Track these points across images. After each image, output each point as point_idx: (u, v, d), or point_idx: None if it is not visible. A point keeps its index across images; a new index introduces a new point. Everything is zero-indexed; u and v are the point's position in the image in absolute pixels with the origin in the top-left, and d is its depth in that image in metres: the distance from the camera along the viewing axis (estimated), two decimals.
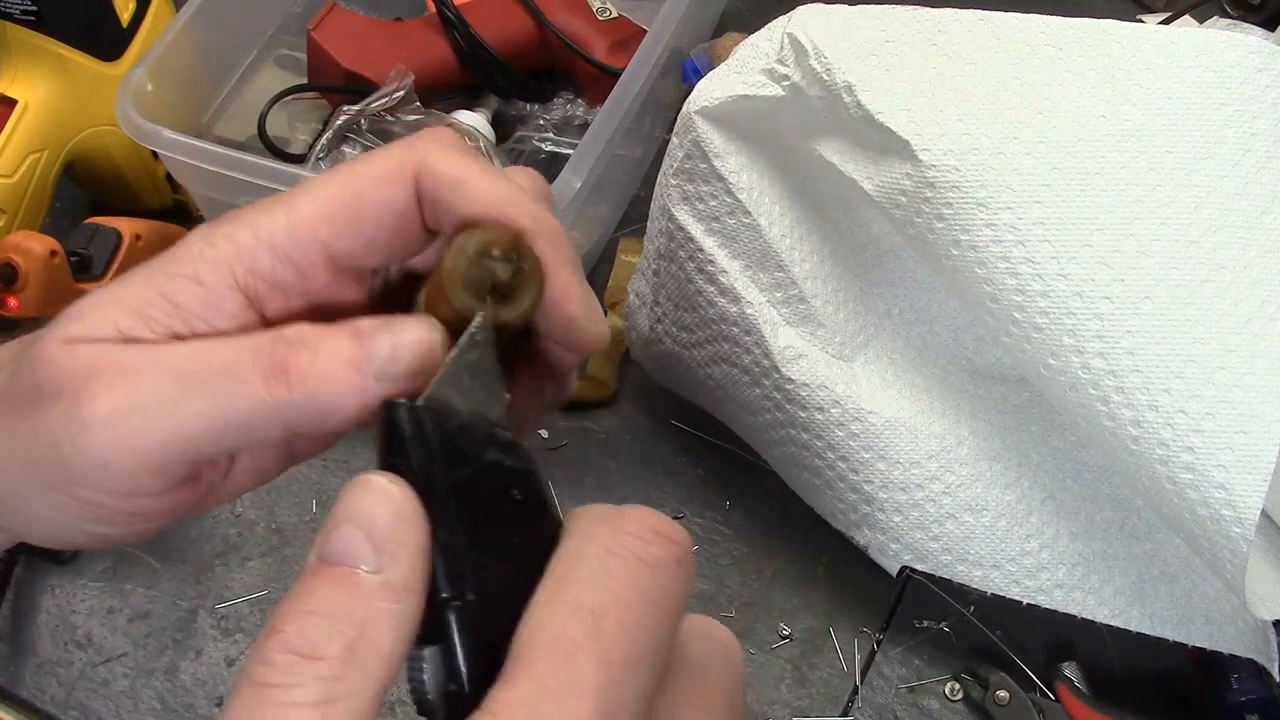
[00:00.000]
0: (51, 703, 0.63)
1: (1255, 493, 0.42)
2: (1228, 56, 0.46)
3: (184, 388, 0.29)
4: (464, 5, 0.77)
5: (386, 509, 0.25)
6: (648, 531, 0.26)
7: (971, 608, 0.61)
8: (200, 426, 0.29)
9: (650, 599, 0.25)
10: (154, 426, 0.29)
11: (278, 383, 0.28)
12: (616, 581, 0.25)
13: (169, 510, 0.31)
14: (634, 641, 0.24)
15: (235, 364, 0.29)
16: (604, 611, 0.24)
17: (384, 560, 0.24)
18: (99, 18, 0.73)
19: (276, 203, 0.31)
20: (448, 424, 0.26)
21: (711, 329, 0.59)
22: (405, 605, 0.24)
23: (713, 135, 0.54)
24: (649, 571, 0.25)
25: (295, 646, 0.23)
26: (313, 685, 0.23)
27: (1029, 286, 0.46)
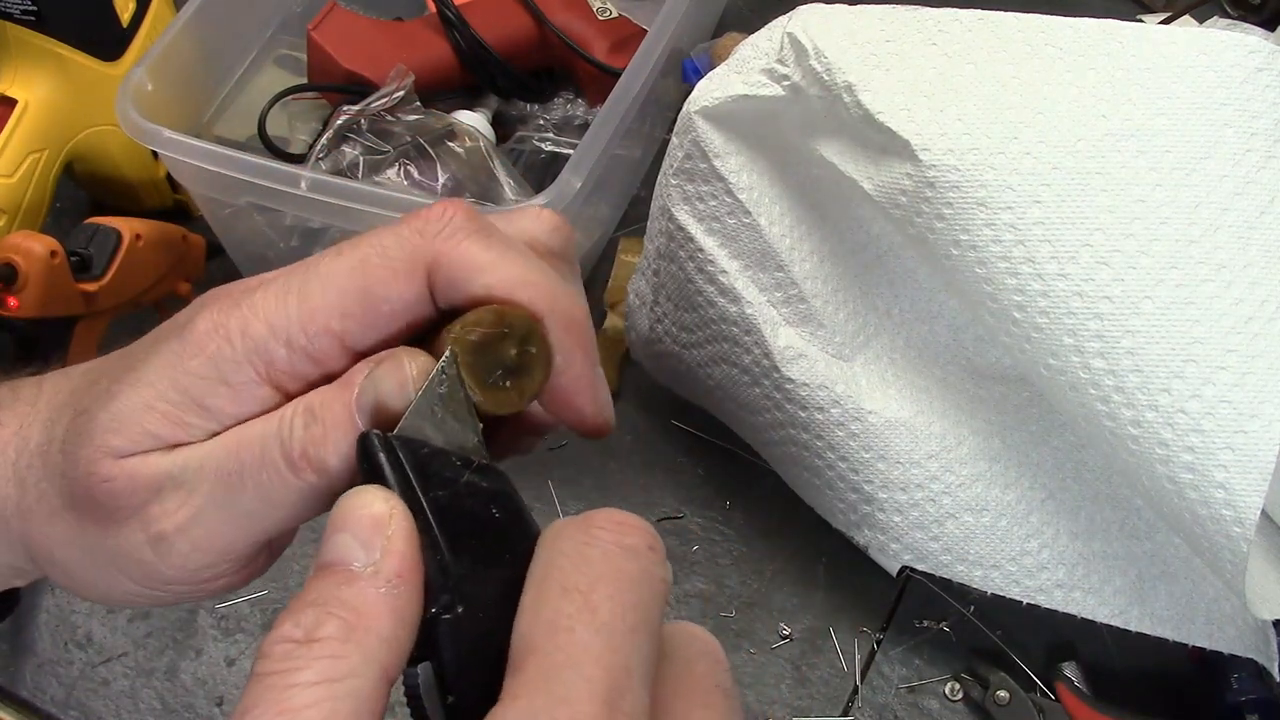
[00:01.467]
0: (51, 703, 0.63)
1: (1255, 493, 0.42)
2: (1228, 56, 0.46)
3: (233, 491, 0.30)
4: (464, 5, 0.77)
5: (371, 510, 0.26)
6: (614, 523, 0.27)
7: (971, 608, 0.61)
8: (256, 520, 0.31)
9: (632, 577, 0.26)
10: (219, 530, 0.31)
11: (302, 470, 0.29)
12: (598, 563, 0.26)
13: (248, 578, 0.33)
14: (627, 610, 0.25)
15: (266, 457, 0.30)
16: (591, 588, 0.25)
17: (373, 554, 0.25)
18: (99, 18, 0.73)
19: (287, 288, 0.31)
20: (420, 450, 0.28)
21: (711, 329, 0.59)
22: (399, 592, 0.25)
23: (713, 135, 0.54)
24: (626, 554, 0.26)
25: (293, 635, 0.24)
26: (313, 665, 0.24)
27: (1029, 286, 0.46)
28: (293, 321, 0.30)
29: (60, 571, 0.34)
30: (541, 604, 0.25)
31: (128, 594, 0.33)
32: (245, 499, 0.30)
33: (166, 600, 0.33)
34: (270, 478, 0.30)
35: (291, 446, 0.29)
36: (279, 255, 0.73)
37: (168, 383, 0.31)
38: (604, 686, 0.24)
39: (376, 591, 0.25)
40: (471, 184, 0.70)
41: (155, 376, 0.31)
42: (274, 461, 0.30)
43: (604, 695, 0.23)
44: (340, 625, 0.24)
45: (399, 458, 0.27)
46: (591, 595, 0.25)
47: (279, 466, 0.29)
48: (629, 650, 0.24)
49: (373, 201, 0.62)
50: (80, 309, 0.65)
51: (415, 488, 0.27)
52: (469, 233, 0.31)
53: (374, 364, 0.30)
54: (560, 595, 0.25)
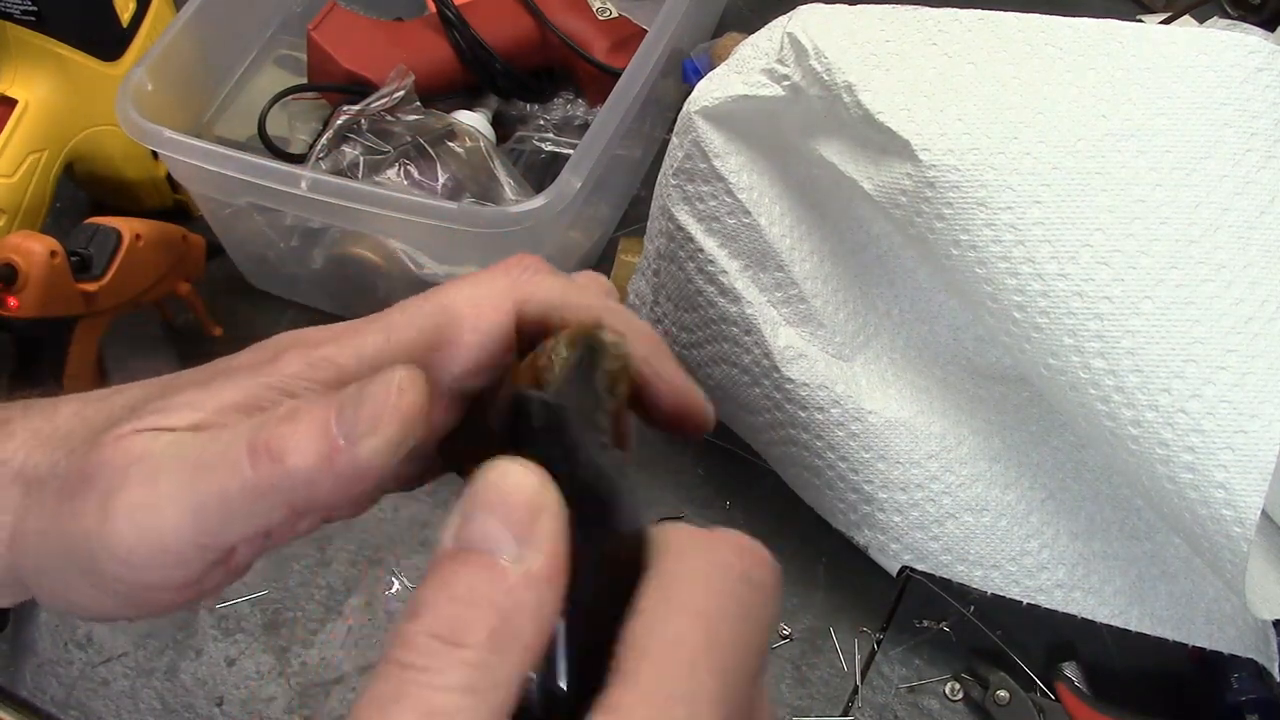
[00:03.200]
0: (51, 703, 0.63)
1: (1255, 493, 0.42)
2: (1228, 56, 0.46)
3: (193, 478, 0.29)
4: (464, 5, 0.77)
5: (525, 496, 0.24)
6: (746, 552, 0.26)
7: (971, 608, 0.61)
8: (206, 516, 0.29)
9: (754, 617, 0.25)
10: (168, 519, 0.29)
11: (260, 460, 0.28)
12: (725, 594, 0.25)
13: (205, 593, 0.31)
14: (746, 652, 0.24)
15: (233, 444, 0.29)
16: (719, 620, 0.24)
17: (525, 549, 0.24)
18: (99, 18, 0.73)
19: (373, 325, 0.31)
20: (572, 424, 0.26)
21: (711, 329, 0.59)
22: (546, 596, 0.24)
23: (713, 135, 0.54)
24: (751, 590, 0.25)
25: (439, 631, 0.23)
26: (459, 670, 0.23)
27: (1029, 286, 0.46)
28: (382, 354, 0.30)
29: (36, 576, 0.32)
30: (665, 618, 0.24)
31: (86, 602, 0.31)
32: (199, 492, 0.29)
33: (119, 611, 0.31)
34: (226, 470, 0.28)
35: (258, 437, 0.28)
36: (279, 255, 0.73)
37: (237, 391, 0.30)
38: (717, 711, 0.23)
39: (527, 594, 0.23)
40: (471, 184, 0.70)
41: (225, 384, 0.31)
42: (234, 450, 0.28)
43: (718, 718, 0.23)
44: (487, 630, 0.23)
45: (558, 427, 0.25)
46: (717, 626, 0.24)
47: (238, 455, 0.28)
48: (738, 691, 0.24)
49: (373, 201, 0.62)
50: (80, 309, 0.65)
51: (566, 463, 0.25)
52: (550, 272, 0.32)
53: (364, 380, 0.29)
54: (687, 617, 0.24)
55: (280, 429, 0.28)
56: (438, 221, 0.60)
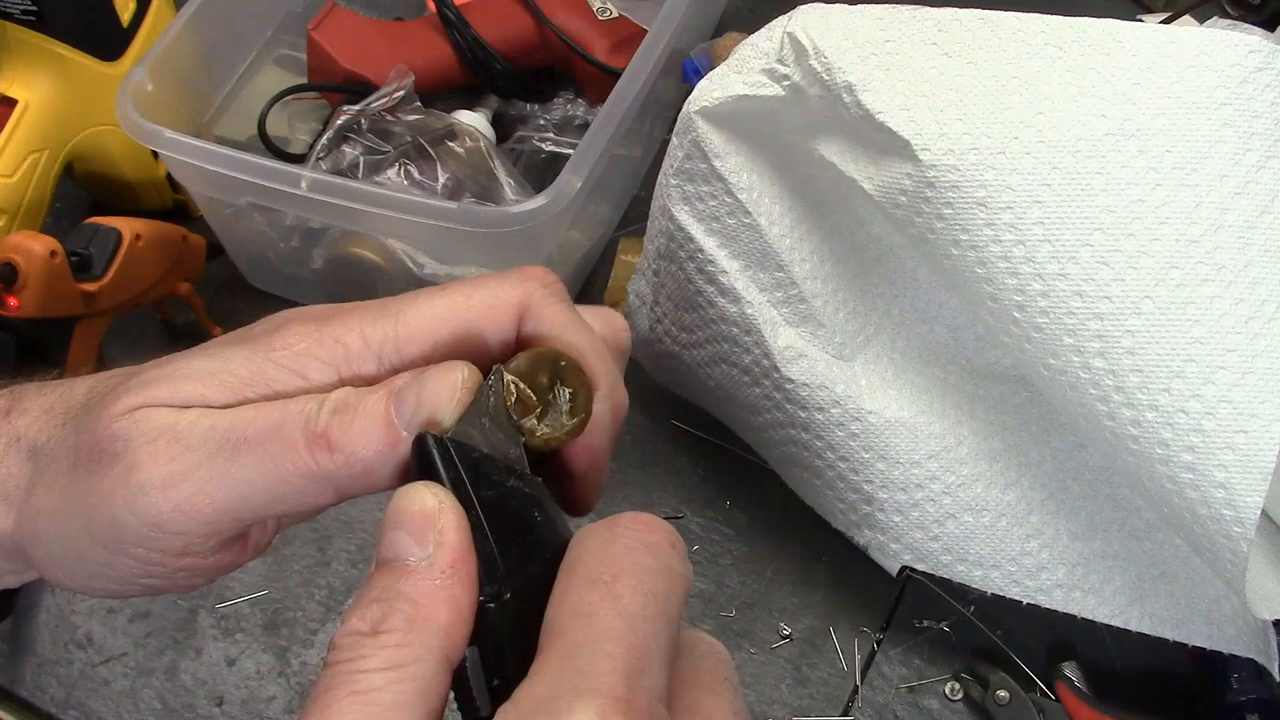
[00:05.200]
0: (51, 703, 0.63)
1: (1255, 492, 0.42)
2: (1228, 56, 0.46)
3: (235, 453, 0.30)
4: (464, 5, 0.77)
5: (423, 508, 0.28)
6: (637, 523, 0.28)
7: (971, 608, 0.61)
8: (251, 492, 0.30)
9: (654, 570, 0.27)
10: (207, 491, 0.30)
11: (320, 450, 0.30)
12: (621, 557, 0.27)
13: (218, 568, 0.33)
14: (648, 599, 0.27)
15: (283, 429, 0.30)
16: (615, 579, 0.27)
17: (427, 548, 0.27)
18: (99, 18, 0.73)
19: (384, 310, 0.33)
20: (471, 453, 0.29)
21: (711, 329, 0.59)
22: (454, 582, 0.27)
23: (713, 135, 0.54)
24: (648, 550, 0.28)
25: (361, 628, 0.26)
26: (381, 653, 0.26)
27: (1029, 286, 0.46)
28: (389, 340, 0.32)
29: (42, 550, 0.33)
30: (568, 593, 0.27)
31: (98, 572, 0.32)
32: (243, 467, 0.30)
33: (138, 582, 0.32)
34: (280, 450, 0.30)
35: (316, 424, 0.30)
36: (279, 255, 0.73)
37: (243, 364, 0.32)
38: (624, 663, 0.25)
39: (432, 583, 0.27)
40: (471, 184, 0.70)
41: (233, 357, 0.32)
42: (290, 435, 0.30)
43: (624, 671, 0.25)
44: (402, 617, 0.26)
45: (452, 457, 0.29)
46: (615, 585, 0.27)
47: (295, 441, 0.30)
48: (649, 634, 0.26)
49: (373, 201, 0.62)
50: (80, 309, 0.65)
51: (467, 484, 0.29)
52: (562, 298, 0.34)
53: (419, 373, 0.31)
54: (585, 585, 0.27)
55: (340, 420, 0.30)
56: (438, 221, 0.60)
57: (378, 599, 0.27)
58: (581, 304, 0.36)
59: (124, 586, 0.33)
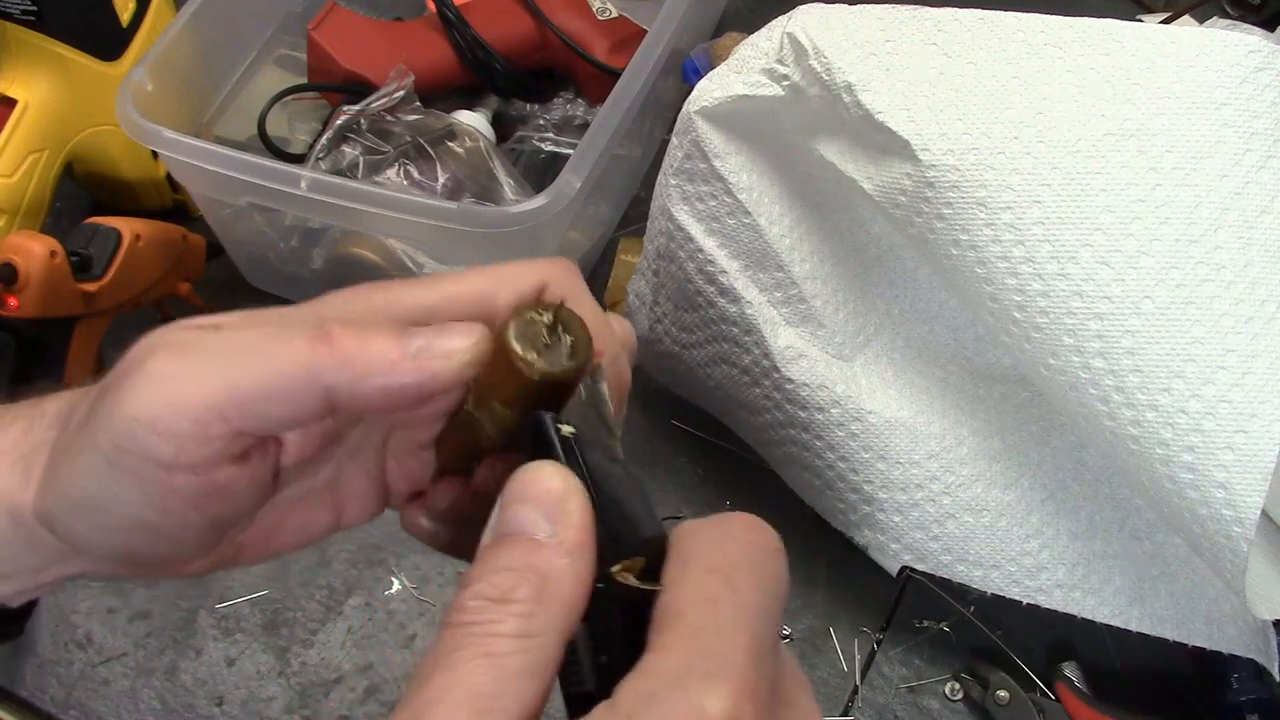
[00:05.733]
0: (51, 703, 0.63)
1: (1255, 492, 0.42)
2: (1228, 56, 0.46)
3: (233, 355, 0.31)
4: (464, 5, 0.77)
5: (554, 486, 0.28)
6: (749, 523, 0.29)
7: (971, 608, 0.61)
8: (241, 382, 0.30)
9: (764, 568, 0.28)
10: (200, 384, 0.30)
11: (320, 342, 0.30)
12: (736, 553, 0.28)
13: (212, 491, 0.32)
14: (761, 593, 0.27)
15: (283, 331, 0.31)
16: (732, 571, 0.27)
17: (556, 526, 0.28)
18: (99, 18, 0.73)
19: (415, 280, 0.34)
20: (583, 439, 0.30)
21: (711, 329, 0.59)
22: (580, 561, 0.28)
23: (713, 135, 0.54)
24: (759, 549, 0.29)
25: (489, 594, 0.27)
26: (510, 621, 0.26)
27: (1029, 286, 0.46)
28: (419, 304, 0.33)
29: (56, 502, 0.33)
30: (686, 579, 0.27)
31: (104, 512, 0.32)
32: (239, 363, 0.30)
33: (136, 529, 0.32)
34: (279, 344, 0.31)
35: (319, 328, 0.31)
36: (279, 255, 0.73)
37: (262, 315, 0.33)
38: (749, 653, 0.26)
39: (561, 560, 0.27)
40: (471, 184, 0.70)
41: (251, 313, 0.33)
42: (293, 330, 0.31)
43: (749, 660, 0.26)
44: (531, 589, 0.27)
45: (571, 442, 0.30)
46: (733, 577, 0.27)
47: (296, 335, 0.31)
48: (762, 625, 0.27)
49: (373, 201, 0.62)
50: (80, 309, 0.65)
51: (584, 467, 0.29)
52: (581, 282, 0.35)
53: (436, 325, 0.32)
54: (705, 573, 0.27)
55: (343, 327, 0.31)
56: (438, 221, 0.60)
57: (507, 568, 0.27)
58: None
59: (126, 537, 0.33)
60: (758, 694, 0.25)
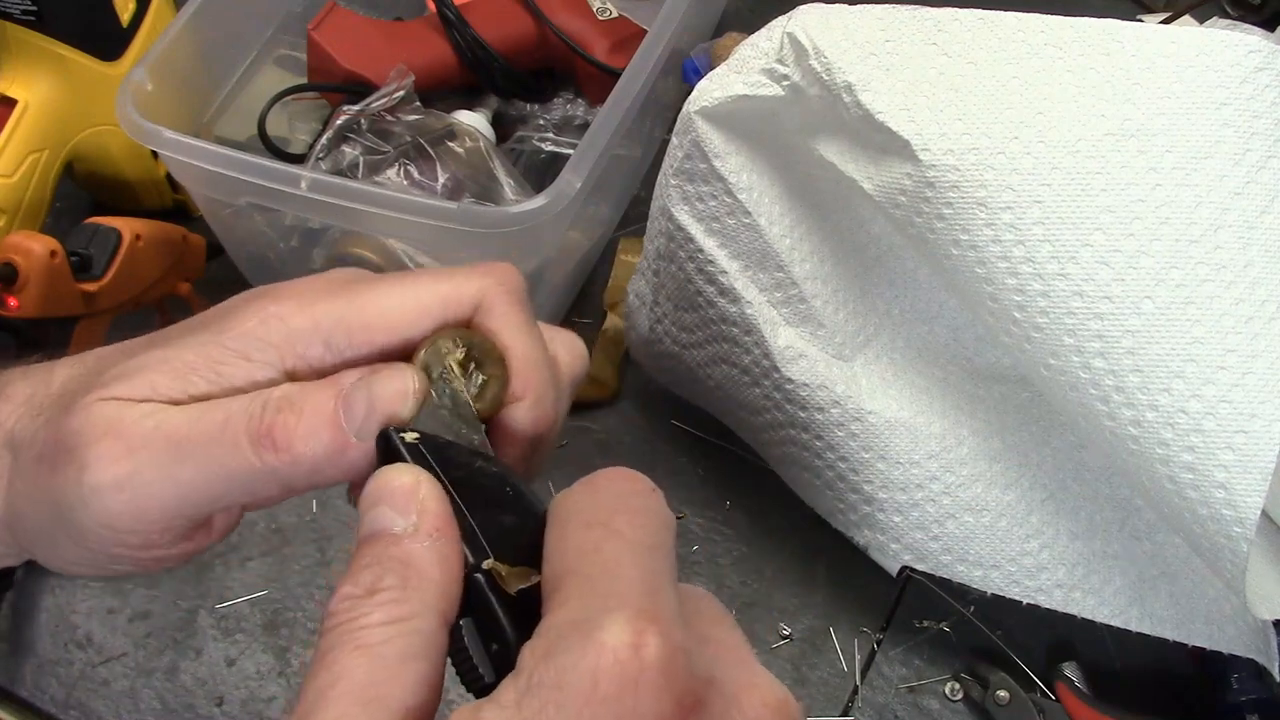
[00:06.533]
0: (51, 703, 0.63)
1: (1255, 493, 0.42)
2: (1228, 56, 0.46)
3: (179, 454, 0.31)
4: (464, 5, 0.77)
5: (402, 480, 0.29)
6: (616, 474, 0.30)
7: (971, 608, 0.61)
8: (197, 491, 0.31)
9: (644, 509, 0.29)
10: (154, 492, 0.31)
11: (265, 449, 0.30)
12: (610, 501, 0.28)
13: (184, 555, 0.33)
14: (645, 532, 0.28)
15: (227, 428, 0.31)
16: (610, 519, 0.28)
17: (410, 517, 0.28)
18: (99, 18, 0.73)
19: (341, 293, 0.33)
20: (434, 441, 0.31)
21: (711, 329, 0.59)
22: (441, 544, 0.28)
23: (713, 135, 0.54)
24: (632, 494, 0.29)
25: (354, 593, 0.27)
26: (380, 609, 0.27)
27: (1029, 286, 0.46)
28: (340, 325, 0.32)
29: (23, 532, 0.34)
30: (567, 539, 0.28)
31: (72, 559, 0.33)
32: (188, 468, 0.30)
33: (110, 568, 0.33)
34: (223, 451, 0.30)
35: (260, 424, 0.30)
36: (279, 255, 0.73)
37: (194, 350, 0.32)
38: (640, 584, 0.26)
39: (421, 546, 0.28)
40: (471, 184, 0.70)
41: (189, 344, 0.33)
42: (234, 435, 0.30)
43: (643, 590, 0.26)
44: (396, 576, 0.27)
45: (419, 448, 0.30)
46: (611, 523, 0.27)
47: (239, 441, 0.30)
48: (653, 560, 0.27)
49: (373, 201, 0.62)
50: (80, 309, 0.65)
51: (436, 468, 0.30)
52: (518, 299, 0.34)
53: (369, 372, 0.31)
54: (584, 528, 0.27)
55: (283, 419, 0.30)
56: (438, 221, 0.60)
57: (368, 565, 0.28)
58: (548, 325, 0.36)
59: (100, 570, 0.34)
60: (660, 621, 0.25)
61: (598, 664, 0.24)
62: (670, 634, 0.25)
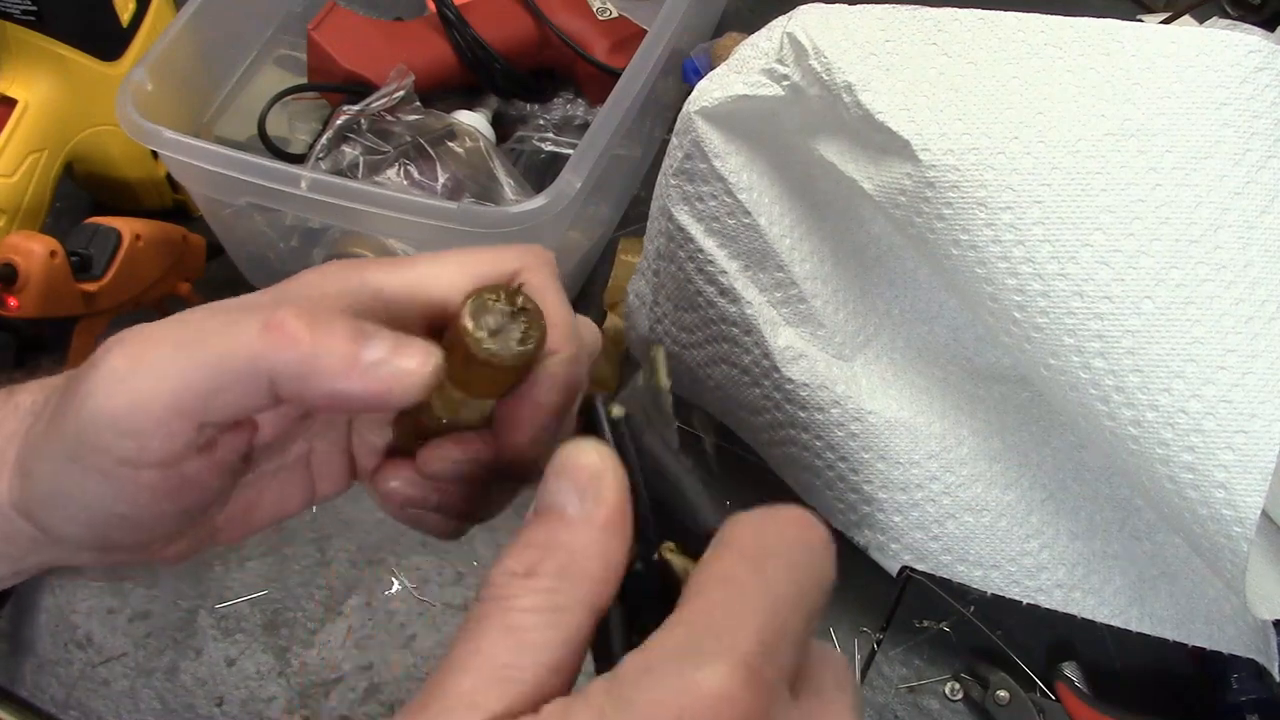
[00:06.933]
0: (51, 703, 0.63)
1: (1255, 492, 0.42)
2: (1228, 56, 0.46)
3: (187, 346, 0.31)
4: (464, 5, 0.77)
5: (589, 462, 0.29)
6: (796, 516, 0.28)
7: (971, 608, 0.61)
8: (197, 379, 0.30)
9: (803, 563, 0.27)
10: (154, 380, 0.30)
11: (272, 331, 0.30)
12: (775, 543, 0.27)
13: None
14: (793, 584, 0.27)
15: (237, 321, 0.30)
16: (765, 558, 0.27)
17: (588, 503, 0.28)
18: (99, 18, 0.73)
19: (391, 262, 0.34)
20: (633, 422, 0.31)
21: (711, 329, 0.59)
22: (610, 539, 0.28)
23: (713, 135, 0.54)
24: (802, 543, 0.28)
25: (515, 569, 0.27)
26: (532, 595, 0.27)
27: (1029, 286, 0.46)
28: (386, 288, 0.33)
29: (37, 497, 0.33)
30: (716, 561, 0.27)
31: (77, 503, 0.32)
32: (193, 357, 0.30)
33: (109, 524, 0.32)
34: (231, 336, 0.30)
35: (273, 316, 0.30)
36: (279, 255, 0.73)
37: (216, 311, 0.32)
38: (758, 633, 0.25)
39: (589, 536, 0.28)
40: (471, 184, 0.70)
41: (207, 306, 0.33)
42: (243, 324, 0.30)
43: (758, 639, 0.25)
44: (556, 564, 0.27)
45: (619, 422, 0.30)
46: (764, 564, 0.27)
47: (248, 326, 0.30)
48: (787, 615, 0.26)
49: (372, 201, 0.62)
50: (80, 309, 0.65)
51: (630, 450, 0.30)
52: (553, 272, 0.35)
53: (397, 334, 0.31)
54: (736, 556, 0.27)
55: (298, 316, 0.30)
56: (438, 221, 0.60)
57: (533, 544, 0.28)
58: None
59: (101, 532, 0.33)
60: (761, 679, 0.24)
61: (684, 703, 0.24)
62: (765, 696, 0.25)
